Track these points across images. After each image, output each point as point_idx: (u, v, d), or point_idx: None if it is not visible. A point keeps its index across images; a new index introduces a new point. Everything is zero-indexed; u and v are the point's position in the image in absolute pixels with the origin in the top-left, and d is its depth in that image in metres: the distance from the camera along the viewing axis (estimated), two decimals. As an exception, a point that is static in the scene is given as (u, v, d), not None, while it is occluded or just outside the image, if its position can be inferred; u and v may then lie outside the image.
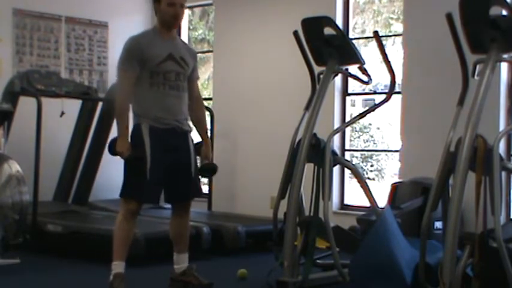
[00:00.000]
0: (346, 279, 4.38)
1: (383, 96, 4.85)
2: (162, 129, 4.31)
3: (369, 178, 12.69)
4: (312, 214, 4.49)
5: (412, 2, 6.36)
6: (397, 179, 6.26)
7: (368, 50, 8.55)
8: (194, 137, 4.55)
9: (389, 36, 10.24)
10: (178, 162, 4.37)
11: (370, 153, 13.63)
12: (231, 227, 5.91)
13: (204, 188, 7.60)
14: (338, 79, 6.57)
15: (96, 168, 7.09)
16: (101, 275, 4.44)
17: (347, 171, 6.77)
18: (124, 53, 4.34)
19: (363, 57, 4.70)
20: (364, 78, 4.77)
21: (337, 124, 6.65)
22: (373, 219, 4.64)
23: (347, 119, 6.81)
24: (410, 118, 6.26)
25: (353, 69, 4.83)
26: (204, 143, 4.55)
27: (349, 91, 6.95)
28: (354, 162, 10.19)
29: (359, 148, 12.49)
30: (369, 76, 4.73)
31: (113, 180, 5.50)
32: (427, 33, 6.08)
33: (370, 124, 13.28)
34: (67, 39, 7.51)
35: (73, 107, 6.89)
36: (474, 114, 3.79)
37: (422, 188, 5.38)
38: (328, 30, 4.65)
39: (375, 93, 8.80)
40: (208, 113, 7.47)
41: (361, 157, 12.98)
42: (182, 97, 4.41)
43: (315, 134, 4.55)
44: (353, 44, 4.75)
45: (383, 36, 9.30)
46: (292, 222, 4.46)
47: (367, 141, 13.47)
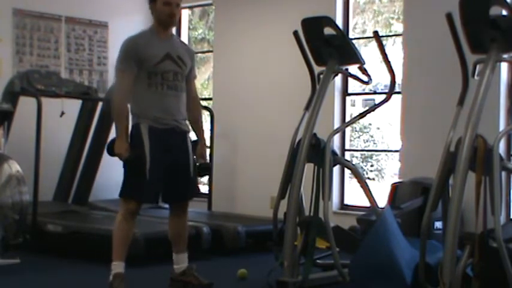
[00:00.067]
0: (346, 279, 4.37)
1: (383, 96, 4.85)
2: (161, 129, 4.30)
3: (369, 178, 12.68)
4: (312, 214, 4.49)
5: (412, 2, 6.36)
6: (397, 179, 6.26)
7: (368, 50, 8.55)
8: (190, 136, 4.54)
9: (389, 36, 10.24)
10: (177, 162, 4.36)
11: (370, 153, 13.61)
12: (231, 227, 5.90)
13: (204, 188, 7.60)
14: (338, 79, 6.57)
15: (96, 168, 7.09)
16: (101, 275, 4.44)
17: (347, 171, 6.76)
18: (121, 54, 4.34)
19: (363, 57, 4.69)
20: (364, 78, 4.76)
21: (337, 124, 6.64)
22: (373, 219, 4.64)
23: (347, 119, 6.80)
24: (410, 118, 6.26)
25: (353, 69, 4.83)
26: (200, 143, 4.54)
27: (349, 91, 6.95)
28: (354, 162, 10.18)
29: (359, 148, 12.48)
30: (369, 76, 4.73)
31: (113, 180, 5.50)
32: (427, 33, 6.08)
33: (370, 124, 13.26)
34: (67, 39, 7.50)
35: (73, 107, 6.88)
36: (474, 114, 3.79)
37: (422, 188, 5.38)
38: (328, 30, 4.65)
39: (375, 93, 8.80)
40: (208, 113, 7.47)
41: (361, 157, 12.97)
42: (180, 97, 4.40)
43: (315, 134, 4.55)
44: (353, 44, 4.75)
45: (383, 36, 9.30)
46: (292, 222, 4.45)
47: (367, 141, 13.46)
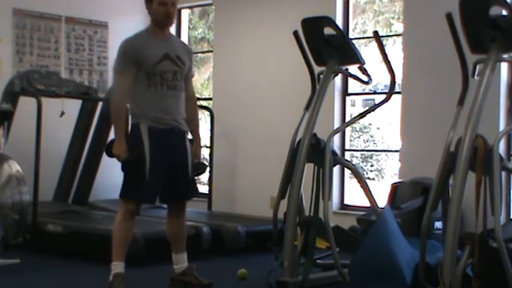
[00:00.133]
0: (346, 279, 4.37)
1: (383, 96, 4.84)
2: (160, 129, 4.30)
3: (369, 178, 12.67)
4: (312, 214, 4.49)
5: (412, 2, 6.36)
6: (397, 179, 6.26)
7: (368, 50, 8.55)
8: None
9: (389, 36, 10.23)
10: (176, 162, 4.36)
11: (370, 153, 13.61)
12: (231, 227, 5.90)
13: (204, 188, 7.60)
14: (338, 79, 6.57)
15: (96, 168, 7.09)
16: (101, 275, 4.44)
17: (347, 171, 6.76)
18: (119, 55, 4.33)
19: (363, 57, 4.69)
20: (364, 78, 4.76)
21: (337, 124, 6.64)
22: (373, 219, 4.64)
23: (347, 119, 6.80)
24: (410, 118, 6.26)
25: (353, 69, 4.83)
26: (195, 142, 4.53)
27: (349, 91, 6.95)
28: (354, 162, 10.18)
29: (359, 148, 12.48)
30: (369, 76, 4.73)
31: (113, 180, 5.49)
32: (427, 33, 6.07)
33: (370, 124, 13.25)
34: (67, 39, 7.50)
35: (73, 107, 6.88)
36: (474, 114, 3.79)
37: (422, 188, 5.38)
38: (328, 30, 4.64)
39: (375, 93, 8.79)
40: (208, 113, 7.47)
41: (361, 157, 12.96)
42: (180, 97, 4.40)
43: (315, 134, 4.55)
44: (353, 44, 4.75)
45: (383, 36, 9.30)
46: (292, 222, 4.45)
47: (367, 141, 13.45)
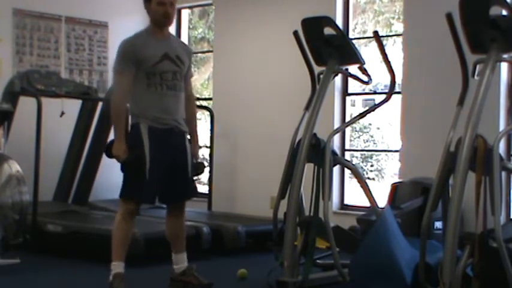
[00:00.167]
0: (346, 279, 4.37)
1: (383, 96, 4.84)
2: (160, 129, 4.30)
3: (369, 178, 12.67)
4: (312, 214, 4.49)
5: (412, 2, 6.35)
6: (397, 179, 6.26)
7: (368, 50, 8.55)
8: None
9: (389, 36, 10.24)
10: (176, 162, 4.36)
11: (370, 153, 13.61)
12: (231, 227, 5.90)
13: (204, 188, 7.60)
14: (338, 79, 6.57)
15: (96, 168, 7.09)
16: (101, 275, 4.44)
17: (347, 171, 6.76)
18: (119, 55, 4.33)
19: (363, 57, 4.69)
20: (364, 78, 4.76)
21: (337, 124, 6.64)
22: (373, 219, 4.63)
23: (347, 119, 6.80)
24: (410, 118, 6.26)
25: (353, 69, 4.83)
26: (193, 142, 4.52)
27: (349, 91, 6.95)
28: (354, 162, 10.18)
29: (359, 148, 12.48)
30: (369, 76, 4.73)
31: (113, 180, 5.50)
32: (427, 33, 6.07)
33: (370, 124, 13.26)
34: (67, 39, 7.50)
35: (73, 107, 6.88)
36: (474, 114, 3.79)
37: (422, 188, 5.38)
38: (328, 30, 4.64)
39: (375, 93, 8.80)
40: (208, 113, 7.47)
41: (361, 157, 12.97)
42: (180, 97, 4.39)
43: (315, 134, 4.55)
44: (353, 44, 4.75)
45: (383, 36, 9.30)
46: (292, 222, 4.45)
47: (367, 141, 13.46)
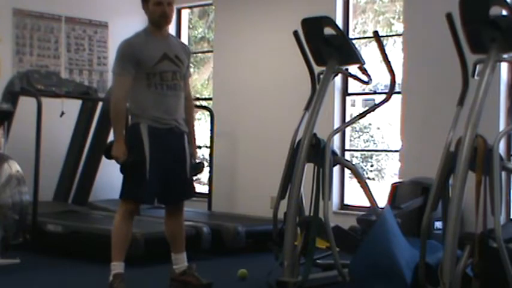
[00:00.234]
0: (346, 279, 4.37)
1: (383, 96, 4.84)
2: (160, 129, 4.29)
3: (369, 178, 12.67)
4: (312, 214, 4.49)
5: (412, 2, 6.36)
6: (397, 179, 6.26)
7: (368, 50, 8.56)
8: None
9: (389, 36, 10.24)
10: (175, 162, 4.36)
11: (370, 153, 13.61)
12: (231, 227, 5.90)
13: (204, 188, 7.60)
14: (338, 79, 6.57)
15: (96, 168, 7.09)
16: (101, 275, 4.44)
17: (347, 171, 6.77)
18: (118, 57, 4.32)
19: (363, 57, 4.69)
20: (364, 78, 4.76)
21: (337, 124, 6.64)
22: (373, 219, 4.63)
23: (347, 119, 6.80)
24: (410, 118, 6.26)
25: (353, 69, 4.83)
26: (190, 142, 4.51)
27: (349, 91, 6.95)
28: (354, 162, 10.18)
29: (359, 148, 12.48)
30: (369, 76, 4.72)
31: (113, 180, 5.50)
32: (427, 33, 6.08)
33: (370, 124, 13.26)
34: (67, 39, 7.50)
35: (73, 107, 6.89)
36: (474, 114, 3.79)
37: (422, 188, 5.38)
38: (328, 30, 4.64)
39: (375, 93, 8.80)
40: (208, 113, 7.47)
41: (361, 157, 12.97)
42: (180, 96, 4.39)
43: (315, 134, 4.55)
44: (353, 44, 4.74)
45: (383, 36, 9.30)
46: (292, 222, 4.45)
47: (367, 141, 13.45)
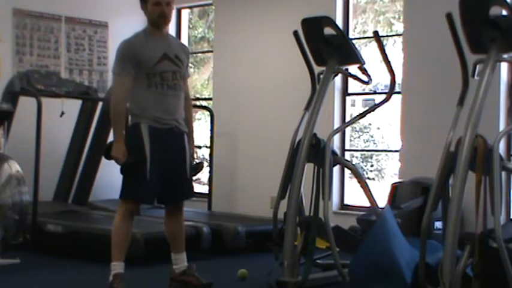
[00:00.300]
0: (346, 279, 4.37)
1: (383, 96, 4.84)
2: (161, 129, 4.29)
3: (369, 178, 12.67)
4: (312, 214, 4.49)
5: (412, 2, 6.36)
6: (397, 179, 6.26)
7: (368, 50, 8.56)
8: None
9: (390, 36, 10.24)
10: (175, 162, 4.36)
11: (370, 153, 13.61)
12: (231, 227, 5.90)
13: (204, 188, 7.60)
14: (338, 79, 6.57)
15: (96, 168, 7.09)
16: (101, 275, 4.44)
17: (347, 171, 6.77)
18: (118, 57, 4.32)
19: (363, 57, 4.69)
20: (364, 78, 4.76)
21: (337, 124, 6.64)
22: (373, 219, 4.63)
23: (347, 119, 6.80)
24: (410, 118, 6.26)
25: (353, 69, 4.83)
26: (190, 142, 4.51)
27: (349, 91, 6.95)
28: (354, 162, 10.18)
29: (359, 148, 12.48)
30: (369, 76, 4.72)
31: (113, 180, 5.50)
32: (427, 33, 6.07)
33: (370, 124, 13.26)
34: (67, 39, 7.50)
35: (73, 107, 6.89)
36: (474, 114, 3.79)
37: (422, 188, 5.38)
38: (328, 30, 4.64)
39: (375, 93, 8.80)
40: (208, 113, 7.47)
41: (361, 157, 12.97)
42: (180, 96, 4.39)
43: (315, 134, 4.55)
44: (353, 44, 4.74)
45: (383, 36, 9.30)
46: (292, 222, 4.45)
47: (367, 141, 13.45)
